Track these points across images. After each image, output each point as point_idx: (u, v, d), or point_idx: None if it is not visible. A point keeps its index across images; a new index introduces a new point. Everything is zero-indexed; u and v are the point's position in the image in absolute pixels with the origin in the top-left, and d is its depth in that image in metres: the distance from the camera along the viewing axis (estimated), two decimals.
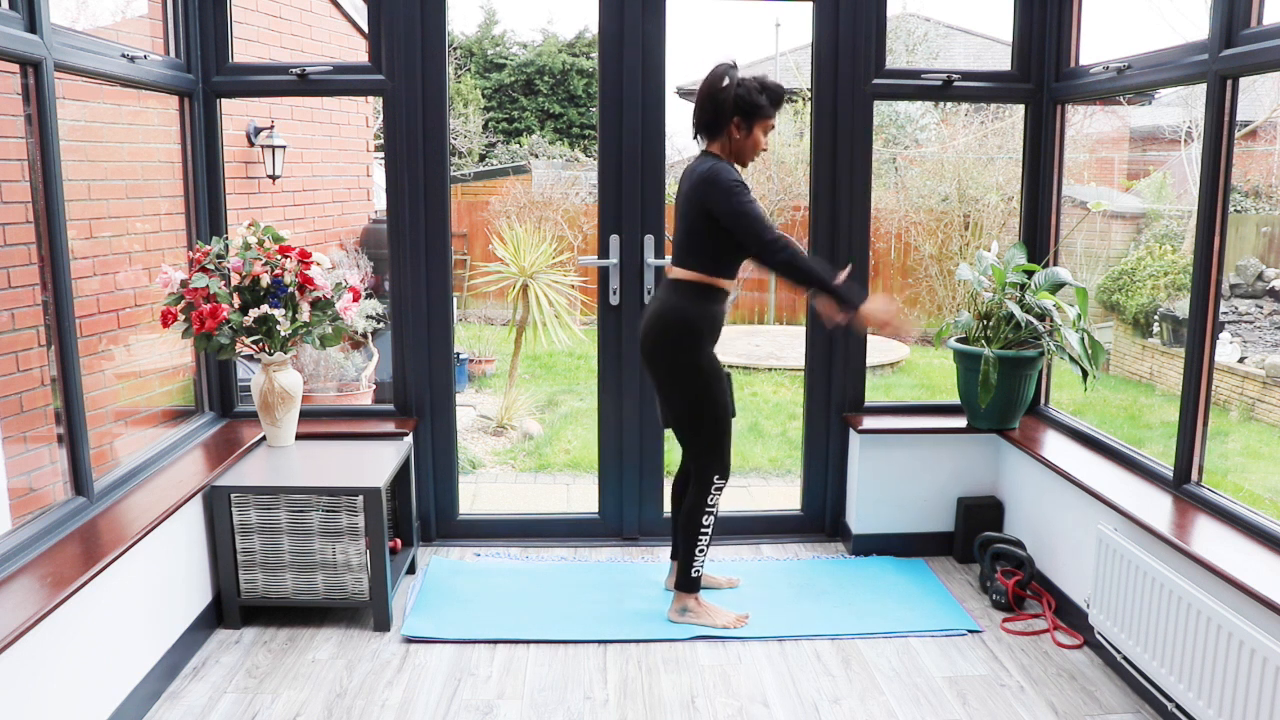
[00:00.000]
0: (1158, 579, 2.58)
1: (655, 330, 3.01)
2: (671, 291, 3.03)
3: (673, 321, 2.98)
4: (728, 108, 2.89)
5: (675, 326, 2.98)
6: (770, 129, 2.97)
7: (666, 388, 3.06)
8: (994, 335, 3.53)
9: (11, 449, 2.94)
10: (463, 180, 10.93)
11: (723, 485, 3.09)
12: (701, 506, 3.08)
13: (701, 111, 2.95)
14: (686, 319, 2.97)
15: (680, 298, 2.99)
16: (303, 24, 6.13)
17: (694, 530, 3.10)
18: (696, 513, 3.09)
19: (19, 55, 2.40)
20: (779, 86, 2.95)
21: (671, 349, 2.99)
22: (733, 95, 2.88)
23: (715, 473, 3.07)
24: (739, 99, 2.89)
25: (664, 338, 2.99)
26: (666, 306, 3.01)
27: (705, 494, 3.08)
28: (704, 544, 3.12)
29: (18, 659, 2.07)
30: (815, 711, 2.72)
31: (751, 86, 2.90)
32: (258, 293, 3.18)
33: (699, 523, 3.09)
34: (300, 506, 3.05)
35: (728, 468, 3.11)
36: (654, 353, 3.03)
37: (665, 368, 3.03)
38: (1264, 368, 6.77)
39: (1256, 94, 8.51)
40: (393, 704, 2.72)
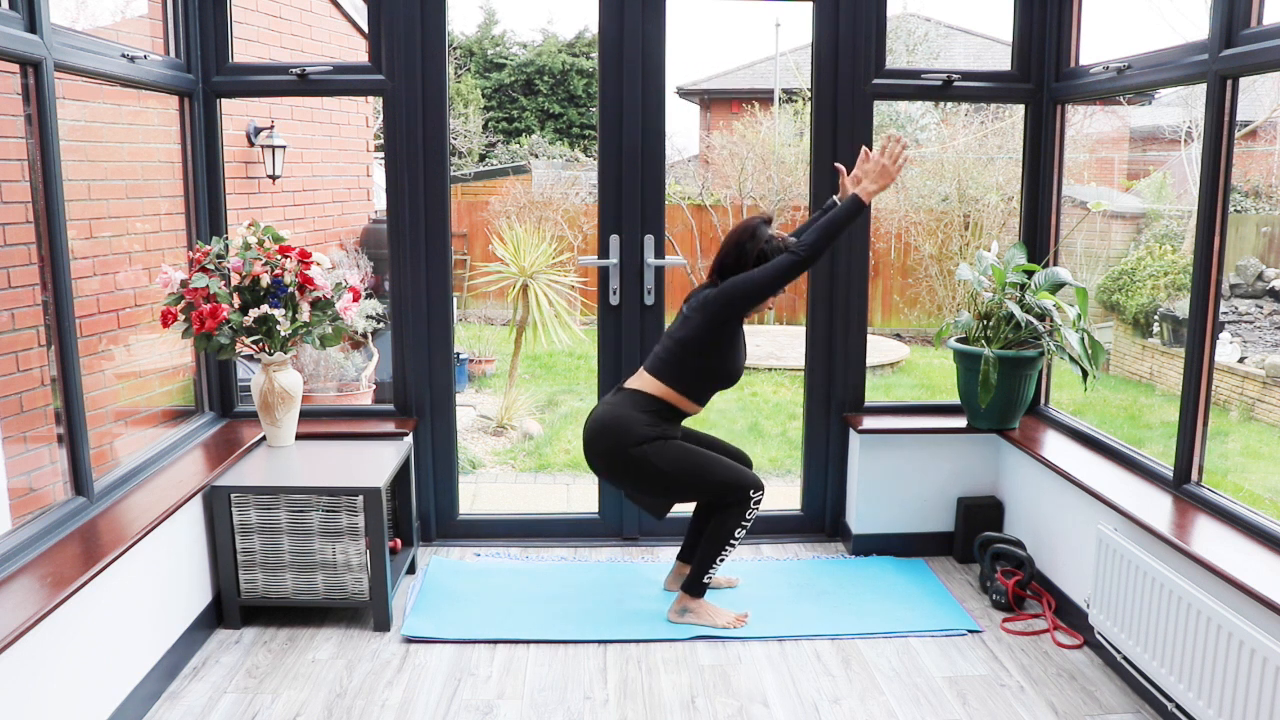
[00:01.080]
0: (1158, 579, 2.58)
1: (598, 440, 3.01)
2: (626, 400, 3.02)
3: (618, 430, 2.97)
4: (750, 259, 2.99)
5: (620, 436, 2.96)
6: (783, 292, 3.03)
7: (636, 489, 3.10)
8: (994, 335, 3.53)
9: (11, 449, 2.94)
10: (463, 180, 10.93)
11: (760, 497, 3.07)
12: (739, 520, 3.05)
13: (725, 255, 3.02)
14: (633, 430, 2.96)
15: (633, 408, 2.99)
16: (303, 24, 6.13)
17: (722, 541, 3.06)
18: (731, 525, 3.05)
19: (19, 55, 2.40)
20: None
21: (619, 461, 2.99)
22: (758, 250, 2.98)
23: (748, 490, 3.05)
24: (762, 254, 2.98)
25: (608, 448, 2.99)
26: (613, 415, 3.00)
27: (744, 509, 3.05)
28: (728, 555, 3.10)
29: (18, 659, 2.07)
30: (815, 711, 2.72)
31: (777, 245, 2.99)
32: (258, 293, 3.18)
33: (731, 534, 3.06)
34: (300, 506, 3.05)
35: (757, 479, 3.08)
36: (603, 464, 3.04)
37: (619, 474, 3.04)
38: (1264, 368, 6.77)
39: (1256, 94, 8.51)
40: (393, 704, 2.72)
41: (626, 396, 3.04)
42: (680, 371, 3.01)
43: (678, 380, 3.01)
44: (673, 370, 3.01)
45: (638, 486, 3.08)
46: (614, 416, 3.00)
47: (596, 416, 3.05)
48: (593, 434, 3.03)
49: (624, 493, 3.23)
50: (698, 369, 3.01)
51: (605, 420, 3.01)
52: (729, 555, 3.11)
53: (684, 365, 3.00)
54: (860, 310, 3.74)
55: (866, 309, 3.77)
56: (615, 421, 2.99)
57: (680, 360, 3.00)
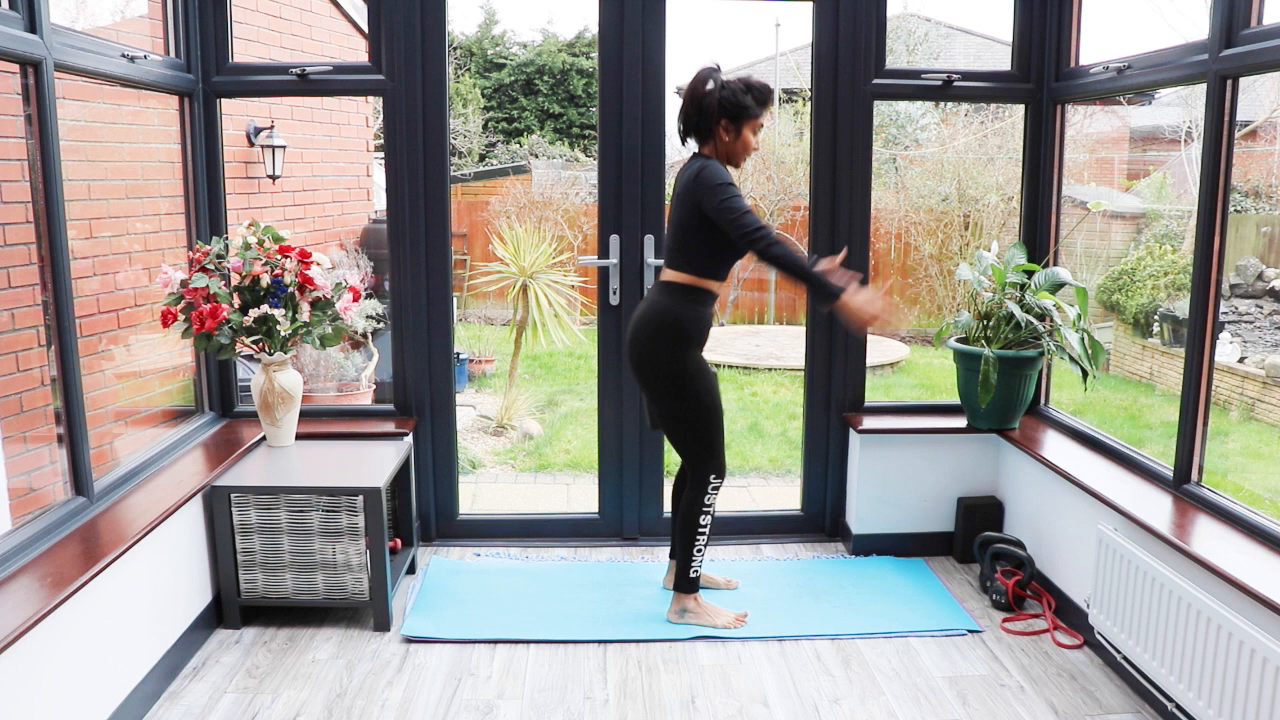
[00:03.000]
0: (1158, 579, 2.58)
1: (641, 331, 3.01)
2: (660, 293, 3.03)
3: (659, 323, 2.97)
4: (713, 111, 2.90)
5: (661, 328, 2.97)
6: (760, 128, 2.97)
7: (653, 389, 3.06)
8: (994, 335, 3.53)
9: (11, 449, 2.94)
10: (463, 180, 10.93)
11: (719, 484, 3.09)
12: (698, 506, 3.08)
13: (687, 116, 2.95)
14: (673, 320, 2.96)
15: (668, 299, 2.99)
16: (303, 24, 6.13)
17: (691, 530, 3.10)
18: (693, 513, 3.08)
19: (19, 55, 2.40)
20: (765, 86, 2.94)
21: (657, 350, 2.98)
22: (717, 98, 2.88)
23: (711, 472, 3.07)
24: (724, 101, 2.89)
25: (650, 339, 2.98)
26: (653, 308, 3.01)
27: (702, 493, 3.07)
28: (702, 544, 3.12)
29: (18, 659, 2.07)
30: (815, 711, 2.72)
31: (736, 88, 2.89)
32: (258, 293, 3.18)
33: (696, 523, 3.09)
34: (300, 506, 3.05)
35: (724, 467, 3.10)
36: (640, 354, 3.02)
37: (651, 369, 3.02)
38: (1264, 368, 6.77)
39: (1256, 94, 8.51)
40: (393, 704, 2.72)
41: (660, 290, 3.02)
42: (691, 255, 2.96)
43: (692, 264, 2.97)
44: (684, 255, 2.98)
45: (657, 383, 3.03)
46: (659, 308, 2.98)
47: (641, 312, 3.04)
48: (638, 323, 3.02)
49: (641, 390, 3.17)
50: (704, 247, 2.96)
51: (650, 311, 3.00)
52: (705, 544, 3.12)
53: (691, 248, 2.96)
54: None
55: None
56: (660, 311, 2.97)
57: (686, 245, 2.97)
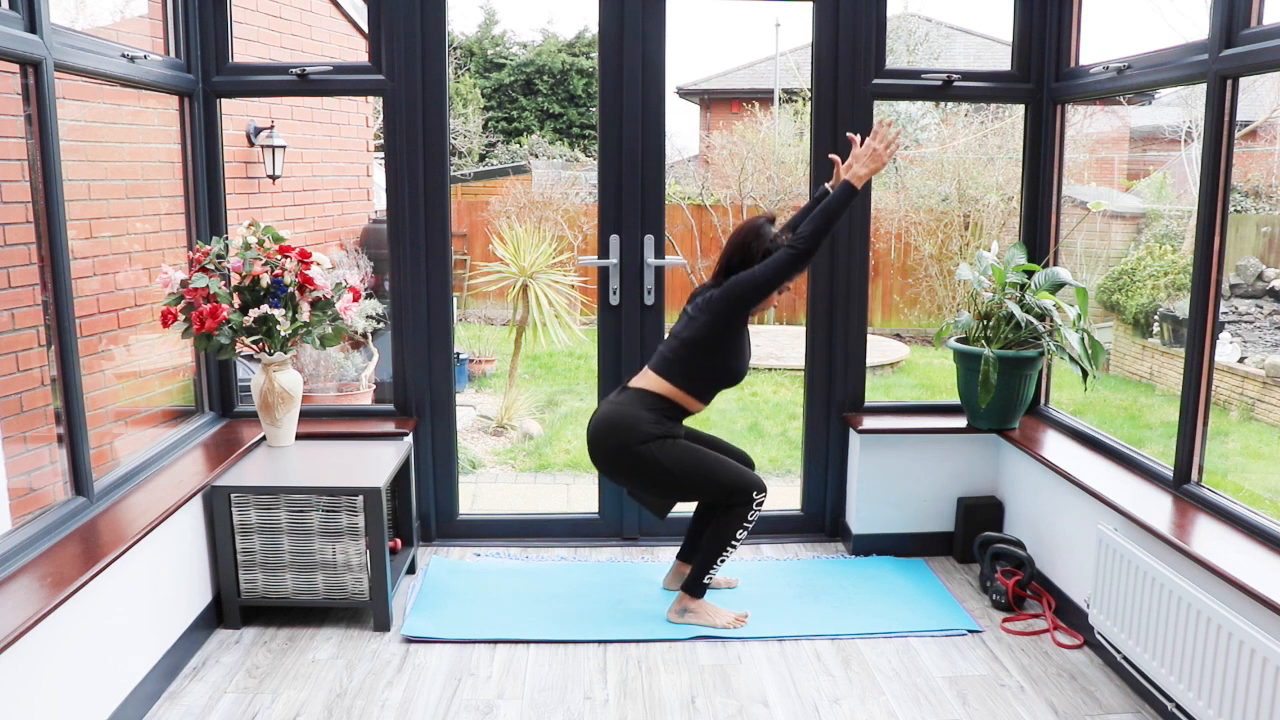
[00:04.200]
0: (1158, 579, 2.58)
1: (604, 441, 3.01)
2: (631, 399, 3.02)
3: (624, 433, 2.96)
4: (755, 258, 2.99)
5: (626, 438, 2.96)
6: (786, 290, 3.04)
7: (640, 488, 3.10)
8: (994, 335, 3.53)
9: (11, 449, 2.94)
10: (463, 180, 10.93)
11: (763, 499, 3.07)
12: (740, 522, 3.05)
13: (730, 256, 3.03)
14: (638, 428, 2.96)
15: (638, 406, 2.99)
16: (303, 24, 6.13)
17: (724, 542, 3.07)
18: (733, 526, 3.05)
19: (19, 55, 2.40)
20: None
21: (624, 460, 2.98)
22: (764, 249, 2.99)
23: (751, 491, 3.05)
24: (767, 253, 2.98)
25: (613, 446, 2.99)
26: (619, 414, 3.00)
27: (746, 511, 3.05)
28: (729, 556, 3.10)
29: (18, 659, 2.07)
30: (815, 711, 2.72)
31: (782, 244, 2.98)
32: (258, 293, 3.18)
33: (732, 535, 3.06)
34: (300, 506, 3.05)
35: (760, 481, 3.09)
36: (607, 462, 3.04)
37: (626, 476, 3.05)
38: (1264, 368, 6.77)
39: (1256, 94, 8.51)
40: (393, 704, 2.72)
41: (631, 395, 3.04)
42: (685, 370, 3.01)
43: (683, 379, 3.01)
44: (678, 369, 3.01)
45: (641, 485, 3.09)
46: (620, 415, 3.00)
47: (601, 414, 3.05)
48: (598, 432, 3.03)
49: (626, 491, 3.23)
50: (703, 368, 3.01)
51: (611, 418, 3.01)
52: (730, 556, 3.11)
53: (689, 364, 3.00)
54: (860, 310, 3.74)
55: (866, 309, 3.76)
56: (621, 420, 2.99)
57: (685, 360, 3.00)
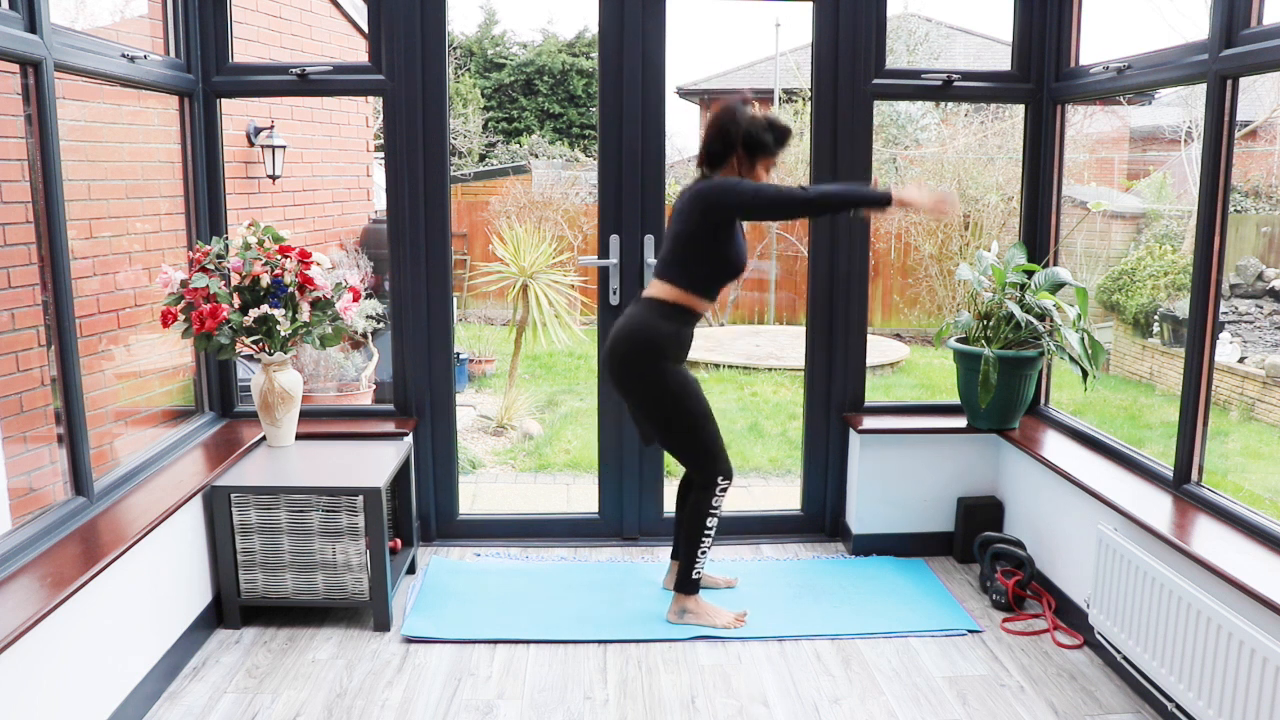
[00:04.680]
0: (1158, 579, 2.58)
1: (618, 348, 3.00)
2: (644, 308, 3.01)
3: (636, 340, 2.96)
4: (735, 140, 2.93)
5: (638, 345, 2.96)
6: (772, 166, 2.99)
7: (637, 404, 3.07)
8: (994, 335, 3.53)
9: (11, 449, 2.94)
10: (463, 180, 10.93)
11: (727, 486, 3.08)
12: (706, 509, 3.07)
13: (709, 142, 2.97)
14: (653, 338, 2.96)
15: (652, 315, 2.98)
16: (303, 24, 6.13)
17: (697, 532, 3.09)
18: (700, 515, 3.08)
19: (19, 55, 2.40)
20: (786, 128, 2.97)
21: (634, 366, 2.97)
22: (742, 131, 2.92)
23: (718, 474, 3.06)
24: (747, 135, 2.92)
25: (626, 355, 2.98)
26: (632, 324, 3.00)
27: (709, 496, 3.07)
28: (706, 546, 3.11)
29: (18, 659, 2.07)
30: (815, 711, 2.72)
31: (760, 123, 2.93)
32: (258, 293, 3.18)
33: (703, 525, 3.08)
34: (300, 506, 3.05)
35: (729, 468, 3.10)
36: (618, 371, 3.02)
37: (632, 385, 3.02)
38: (1264, 368, 6.77)
39: (1256, 94, 8.52)
40: (393, 704, 2.72)
41: (645, 305, 3.02)
42: (685, 269, 2.97)
43: (685, 279, 2.97)
44: (678, 270, 2.98)
45: (639, 402, 3.05)
46: (637, 324, 2.98)
47: (618, 326, 3.03)
48: (616, 342, 3.01)
49: (628, 407, 3.19)
50: (701, 263, 2.96)
51: (629, 328, 2.99)
52: (709, 546, 3.12)
53: (687, 263, 2.96)
54: (860, 310, 3.74)
55: (866, 309, 3.76)
56: (638, 329, 2.97)
57: (683, 258, 2.96)
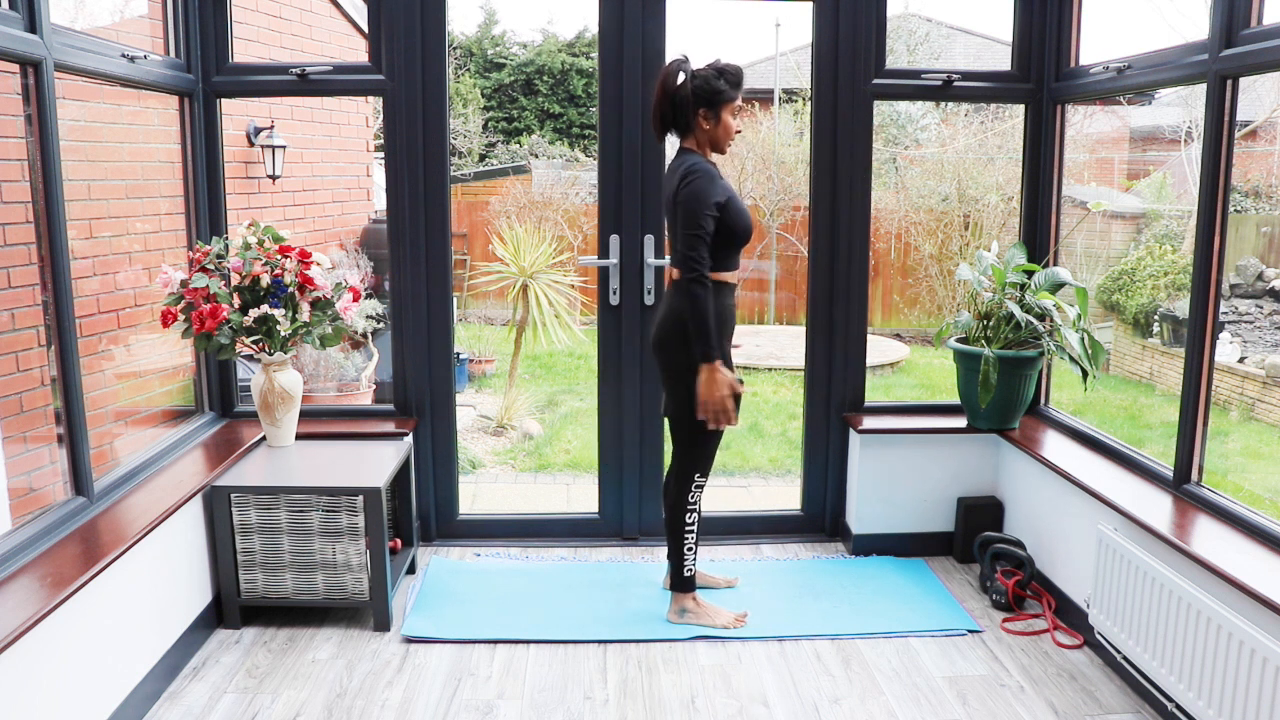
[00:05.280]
0: (1158, 579, 2.58)
1: (667, 328, 2.99)
2: (675, 293, 3.01)
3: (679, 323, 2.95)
4: (688, 102, 2.87)
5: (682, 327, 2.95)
6: (737, 111, 2.93)
7: (670, 380, 3.06)
8: (994, 335, 3.53)
9: (11, 449, 2.94)
10: (463, 180, 10.92)
11: (703, 484, 3.11)
12: (683, 504, 3.09)
13: (663, 112, 2.91)
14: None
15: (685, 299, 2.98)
16: (303, 24, 6.13)
17: (679, 528, 3.11)
18: (679, 510, 3.10)
19: (19, 55, 2.40)
20: (737, 68, 2.90)
21: (679, 348, 2.97)
22: (690, 88, 2.86)
23: (697, 470, 3.09)
24: (698, 90, 2.86)
25: (672, 339, 2.98)
26: (672, 310, 2.99)
27: (686, 491, 3.09)
28: (691, 542, 3.12)
29: (18, 659, 2.07)
30: (815, 711, 2.72)
31: (708, 74, 2.86)
32: (258, 293, 3.18)
33: (683, 521, 3.10)
34: (300, 506, 3.05)
35: (709, 468, 3.12)
36: (664, 345, 3.01)
37: (673, 362, 3.01)
38: (1264, 368, 6.77)
39: (1256, 94, 8.51)
40: (393, 704, 2.72)
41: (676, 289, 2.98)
42: None
43: None
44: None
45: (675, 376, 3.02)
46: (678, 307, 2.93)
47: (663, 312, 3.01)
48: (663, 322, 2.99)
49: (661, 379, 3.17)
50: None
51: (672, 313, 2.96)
52: (693, 542, 3.13)
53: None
54: (860, 310, 3.74)
55: (866, 309, 3.77)
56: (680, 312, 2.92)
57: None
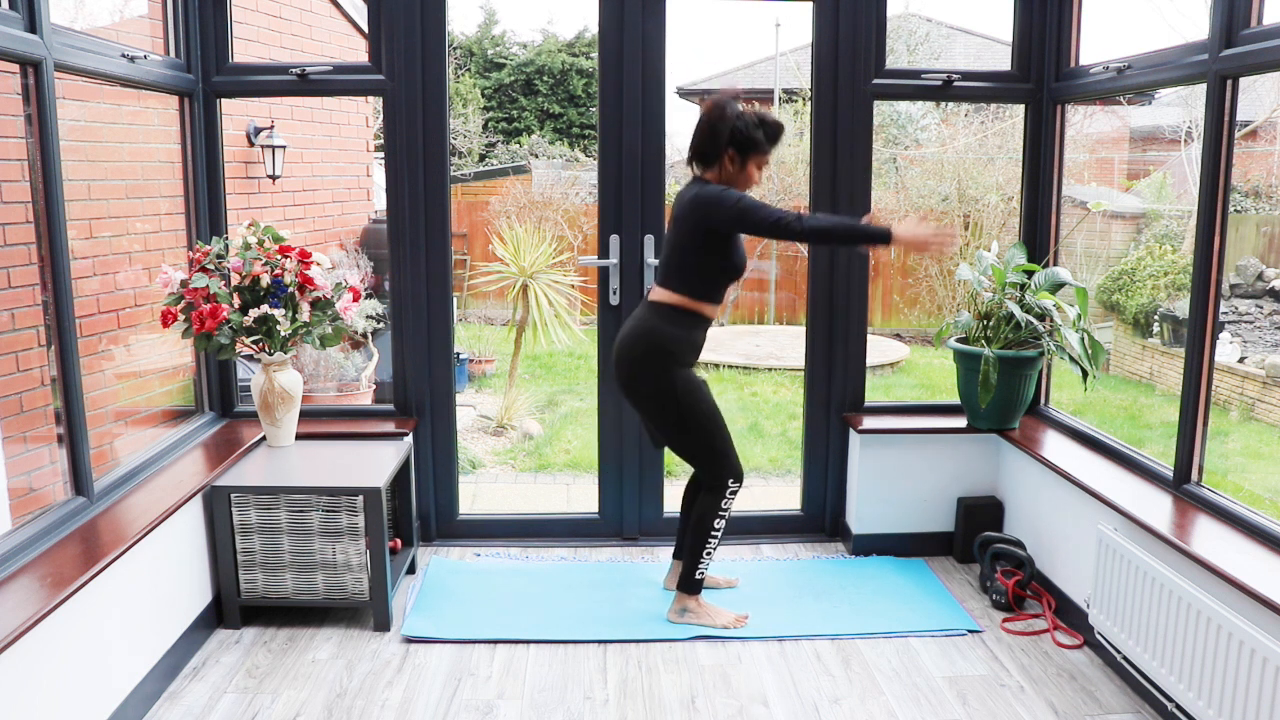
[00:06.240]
0: (1158, 579, 2.58)
1: (629, 352, 2.97)
2: (649, 312, 2.99)
3: (645, 345, 2.94)
4: (724, 139, 2.88)
5: (649, 350, 2.94)
6: (765, 165, 2.96)
7: (646, 409, 3.05)
8: (994, 335, 3.53)
9: (11, 449, 2.94)
10: (463, 180, 10.92)
11: (737, 488, 3.07)
12: (715, 511, 3.05)
13: (699, 139, 2.93)
14: (659, 342, 2.93)
15: (657, 319, 2.96)
16: (303, 24, 6.13)
17: (704, 534, 3.08)
18: (709, 517, 3.06)
19: (19, 55, 2.40)
20: (779, 124, 2.93)
21: (643, 371, 2.96)
22: (730, 127, 2.87)
23: (728, 477, 3.04)
24: (736, 131, 2.87)
25: (637, 361, 2.96)
26: (640, 329, 2.97)
27: (719, 498, 3.05)
28: (713, 548, 3.11)
29: (18, 659, 2.07)
30: (815, 711, 2.72)
31: (750, 121, 2.88)
32: (258, 293, 3.18)
33: (711, 526, 3.07)
34: (300, 506, 3.05)
35: (740, 470, 3.08)
36: (627, 375, 3.00)
37: (640, 390, 3.00)
38: (1264, 368, 6.77)
39: (1256, 94, 8.52)
40: (393, 704, 2.72)
41: (650, 309, 2.99)
42: (685, 276, 2.95)
43: (685, 285, 2.95)
44: (678, 277, 2.96)
45: (651, 406, 3.02)
46: (645, 328, 2.96)
47: (627, 329, 3.01)
48: (625, 344, 2.99)
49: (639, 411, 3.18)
50: (702, 270, 2.94)
51: (638, 331, 2.97)
52: (714, 547, 3.11)
53: (687, 269, 2.94)
54: (860, 310, 3.74)
55: (866, 309, 3.76)
56: (646, 332, 2.95)
57: (683, 265, 2.94)
